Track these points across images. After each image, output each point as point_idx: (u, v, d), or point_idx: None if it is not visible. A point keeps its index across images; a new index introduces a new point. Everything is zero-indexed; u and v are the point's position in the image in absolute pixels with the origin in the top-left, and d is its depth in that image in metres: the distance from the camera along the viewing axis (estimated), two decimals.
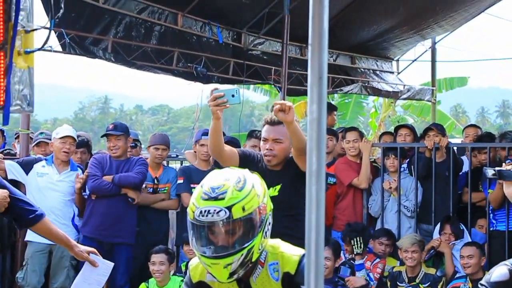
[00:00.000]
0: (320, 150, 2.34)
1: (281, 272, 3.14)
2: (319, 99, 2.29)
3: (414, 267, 7.04)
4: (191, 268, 3.30)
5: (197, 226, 2.97)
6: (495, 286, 3.44)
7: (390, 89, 12.91)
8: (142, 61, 9.28)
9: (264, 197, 3.07)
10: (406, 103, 20.20)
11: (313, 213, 2.36)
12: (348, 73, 12.40)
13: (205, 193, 2.97)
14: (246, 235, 2.96)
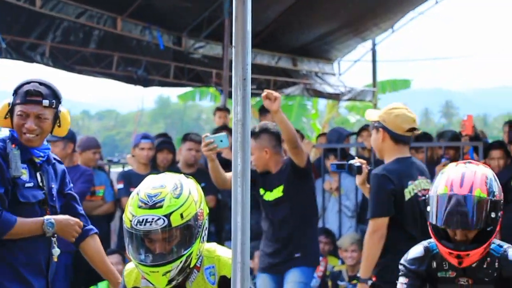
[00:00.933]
0: (245, 151, 2.36)
1: (218, 276, 3.12)
2: (243, 100, 2.31)
3: (354, 265, 7.12)
4: (125, 273, 3.24)
5: (135, 235, 2.93)
6: (411, 263, 3.59)
7: (331, 91, 13.02)
8: (81, 65, 9.21)
9: (201, 202, 3.04)
10: (349, 104, 20.40)
11: (239, 214, 2.38)
12: (290, 75, 12.47)
13: (142, 201, 2.93)
14: (185, 242, 2.94)
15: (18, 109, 3.79)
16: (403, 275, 3.61)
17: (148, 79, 9.88)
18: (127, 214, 2.96)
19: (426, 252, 3.60)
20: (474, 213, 3.30)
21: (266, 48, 12.03)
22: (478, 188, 3.33)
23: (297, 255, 5.60)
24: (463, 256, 3.35)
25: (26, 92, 3.79)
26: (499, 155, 7.22)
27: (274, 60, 12.31)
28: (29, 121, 3.79)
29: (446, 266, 3.54)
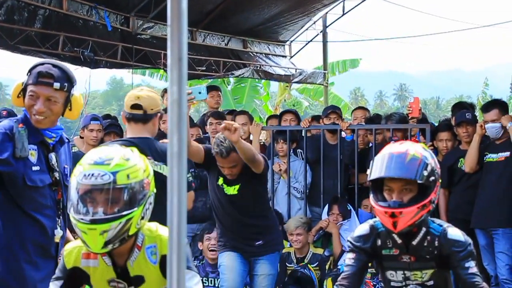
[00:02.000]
0: (181, 132, 2.31)
1: (159, 255, 3.11)
2: (179, 80, 2.27)
3: (301, 248, 7.15)
4: (65, 253, 3.22)
5: (78, 191, 2.93)
6: (357, 240, 3.78)
7: (282, 73, 13.00)
8: (26, 45, 9.02)
9: (148, 174, 3.06)
10: (301, 87, 20.45)
11: (175, 195, 2.34)
12: (240, 57, 12.41)
13: (92, 159, 2.96)
14: (127, 204, 2.94)
15: (30, 89, 3.82)
16: (350, 251, 3.81)
17: (95, 60, 9.73)
18: (74, 172, 2.99)
19: (371, 230, 3.77)
20: (409, 165, 3.48)
21: (216, 29, 11.95)
22: (414, 151, 3.54)
23: (259, 242, 5.72)
24: (397, 214, 3.49)
25: (38, 73, 3.81)
26: (447, 137, 7.31)
27: (224, 42, 12.24)
28: (39, 103, 3.81)
29: (390, 244, 3.72)
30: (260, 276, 5.72)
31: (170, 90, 2.28)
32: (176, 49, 2.24)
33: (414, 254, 3.69)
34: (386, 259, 3.79)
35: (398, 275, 3.78)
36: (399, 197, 3.53)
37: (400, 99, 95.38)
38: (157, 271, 3.12)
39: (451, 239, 3.62)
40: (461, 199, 7.05)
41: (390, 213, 3.50)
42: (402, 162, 3.50)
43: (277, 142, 7.97)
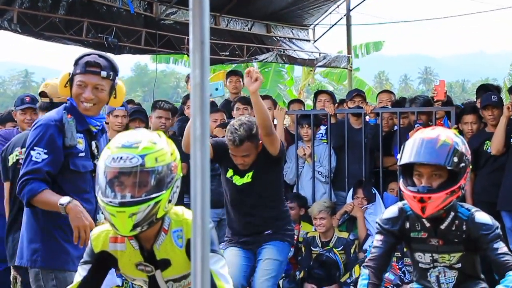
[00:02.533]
0: (204, 115, 2.31)
1: (185, 239, 3.12)
2: (201, 64, 2.27)
3: (326, 232, 7.15)
4: (93, 238, 3.24)
5: (107, 174, 2.95)
6: (385, 222, 3.83)
7: (305, 57, 12.92)
8: (50, 32, 9.06)
9: (175, 158, 3.07)
10: (325, 71, 20.36)
11: (198, 178, 2.34)
12: (264, 42, 12.36)
13: (120, 143, 2.98)
14: (156, 187, 2.95)
15: (78, 79, 4.00)
16: (378, 232, 3.87)
17: (119, 45, 9.75)
18: (103, 156, 3.00)
19: (400, 212, 3.82)
20: (439, 150, 3.52)
21: (239, 14, 11.91)
22: (445, 137, 3.57)
23: (268, 232, 5.53)
24: (425, 199, 3.53)
25: (86, 63, 3.99)
26: (472, 120, 7.25)
27: (248, 26, 12.20)
28: (87, 91, 3.98)
29: (419, 227, 3.77)
30: (265, 260, 5.45)
31: (192, 73, 2.28)
32: (198, 33, 2.23)
33: (442, 238, 3.73)
34: (414, 242, 3.83)
35: (426, 257, 3.82)
36: (429, 182, 3.56)
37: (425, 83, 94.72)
38: (183, 255, 3.13)
39: (478, 223, 3.66)
40: (487, 182, 7.01)
41: (419, 198, 3.54)
42: (432, 147, 3.52)
43: (301, 126, 7.96)
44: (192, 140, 2.33)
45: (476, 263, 3.86)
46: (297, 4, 12.10)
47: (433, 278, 3.84)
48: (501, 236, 3.64)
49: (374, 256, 3.83)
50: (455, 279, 3.81)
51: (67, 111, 4.02)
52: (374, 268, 3.80)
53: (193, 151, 2.34)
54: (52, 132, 3.93)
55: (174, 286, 3.26)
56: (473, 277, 3.87)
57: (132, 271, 3.25)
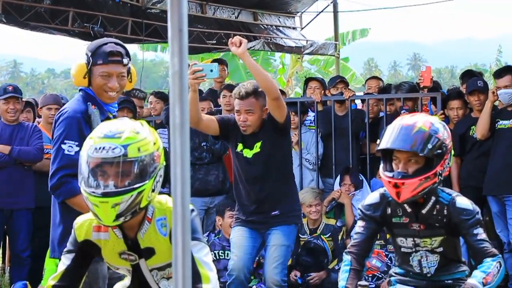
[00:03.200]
0: (183, 103, 2.32)
1: (169, 227, 3.12)
2: (180, 52, 2.27)
3: (316, 220, 7.17)
4: (76, 227, 3.24)
5: (90, 164, 2.96)
6: (367, 208, 3.88)
7: (293, 45, 12.93)
8: (36, 21, 9.02)
9: (158, 147, 3.07)
10: (312, 58, 20.36)
11: (178, 166, 2.35)
12: (251, 30, 12.34)
13: (102, 133, 2.98)
14: (138, 176, 2.96)
15: (101, 69, 4.00)
16: (360, 219, 3.93)
17: (105, 35, 9.70)
18: (85, 146, 3.01)
19: (381, 198, 3.86)
20: (414, 136, 3.56)
21: (226, 2, 11.89)
22: (422, 124, 3.61)
23: (275, 213, 5.54)
24: (399, 185, 3.58)
25: (108, 53, 3.98)
26: (458, 105, 7.27)
27: (234, 15, 12.17)
28: (113, 81, 4.01)
29: (400, 213, 3.81)
30: (273, 247, 5.52)
31: (171, 62, 2.28)
32: (176, 21, 2.24)
33: (423, 222, 3.76)
34: (396, 227, 3.87)
35: (408, 242, 3.86)
36: (405, 168, 3.60)
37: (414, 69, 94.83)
38: (167, 243, 3.12)
39: (459, 207, 3.70)
40: (473, 167, 7.04)
41: (393, 184, 3.59)
42: (407, 134, 3.55)
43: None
44: (171, 128, 2.34)
45: (458, 247, 3.91)
46: None
47: (415, 262, 3.87)
48: (481, 222, 3.70)
49: (356, 242, 3.88)
50: (437, 263, 3.84)
51: (89, 100, 4.04)
52: (356, 254, 3.85)
53: (173, 139, 2.34)
54: (80, 124, 3.95)
55: (158, 274, 3.26)
56: (455, 261, 3.91)
57: (116, 260, 3.25)
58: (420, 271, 3.88)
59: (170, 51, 2.29)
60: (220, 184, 7.48)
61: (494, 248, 3.69)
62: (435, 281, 3.86)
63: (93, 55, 4.00)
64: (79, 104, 4.05)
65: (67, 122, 3.99)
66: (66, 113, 4.03)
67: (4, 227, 7.20)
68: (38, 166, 7.20)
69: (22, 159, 7.04)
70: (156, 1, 10.89)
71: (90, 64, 4.00)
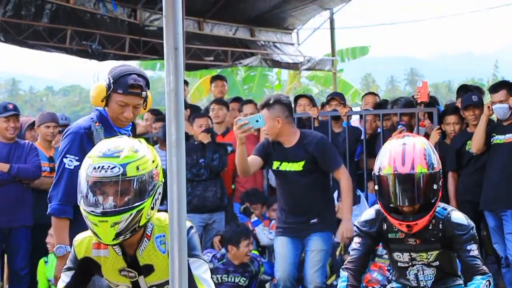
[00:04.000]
0: (179, 121, 2.34)
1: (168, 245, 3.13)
2: (175, 70, 2.30)
3: None
4: (75, 244, 3.25)
5: (89, 183, 2.96)
6: (363, 225, 3.92)
7: (290, 61, 12.98)
8: (34, 40, 9.07)
9: (157, 165, 3.08)
10: (310, 74, 20.41)
11: (175, 183, 2.37)
12: (248, 46, 12.39)
13: (101, 152, 2.99)
14: (137, 195, 2.97)
15: (119, 98, 4.12)
16: (357, 235, 3.96)
17: (103, 52, 9.76)
18: (84, 165, 3.01)
19: (377, 215, 3.90)
20: (418, 189, 3.59)
21: (223, 19, 11.94)
22: (418, 164, 3.62)
23: (314, 220, 5.91)
24: (412, 225, 3.66)
25: (130, 85, 4.10)
26: (454, 120, 7.29)
27: (232, 31, 12.22)
28: (128, 111, 4.15)
29: (396, 228, 3.84)
30: (313, 252, 5.87)
31: (167, 80, 2.31)
32: (172, 39, 2.28)
33: (419, 237, 3.80)
34: (392, 242, 3.91)
35: (404, 257, 3.90)
36: (410, 206, 3.66)
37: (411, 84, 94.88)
38: (166, 260, 3.04)
39: (454, 222, 3.74)
40: (469, 182, 7.04)
41: (406, 225, 3.68)
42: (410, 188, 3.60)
43: None
44: (167, 146, 2.36)
45: (453, 261, 3.94)
46: (280, 7, 12.14)
47: (412, 276, 3.92)
48: (475, 238, 3.75)
49: (352, 259, 3.92)
50: (433, 277, 3.89)
51: (96, 120, 4.17)
52: (352, 270, 3.88)
53: (169, 156, 2.37)
54: (82, 139, 4.10)
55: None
56: (451, 274, 3.96)
57: (116, 277, 3.25)
58: (417, 285, 3.93)
59: (166, 69, 2.32)
60: (218, 201, 7.49)
61: (485, 266, 3.73)
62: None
63: (114, 83, 4.12)
64: (85, 121, 4.20)
65: (71, 137, 4.14)
66: (71, 129, 4.19)
67: (3, 245, 7.19)
68: (36, 184, 7.23)
69: (21, 176, 7.06)
70: (154, 18, 10.95)
71: (111, 90, 4.11)
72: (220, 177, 7.59)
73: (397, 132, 7.24)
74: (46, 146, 7.51)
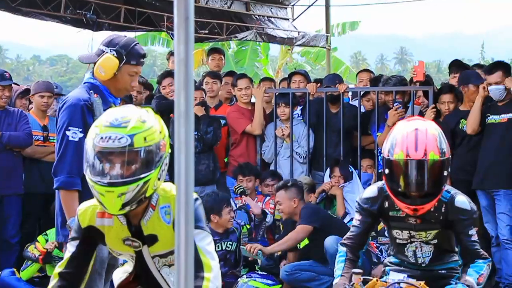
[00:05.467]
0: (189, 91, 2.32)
1: (173, 215, 3.12)
2: (186, 40, 2.27)
3: None
4: (79, 213, 3.24)
5: (96, 153, 2.94)
6: (364, 202, 3.95)
7: (284, 36, 12.88)
8: (28, 7, 8.95)
9: (164, 136, 3.06)
10: (302, 50, 20.35)
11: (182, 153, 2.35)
12: (243, 20, 12.29)
13: (108, 121, 2.97)
14: (144, 166, 2.96)
15: (132, 69, 4.22)
16: (357, 211, 4.01)
17: (97, 22, 9.64)
18: (90, 134, 2.99)
19: (379, 192, 3.92)
20: (429, 175, 3.60)
21: None
22: (431, 151, 3.61)
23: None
24: (419, 209, 3.68)
25: (142, 55, 4.24)
26: (449, 99, 7.30)
27: (227, 4, 12.11)
28: (135, 80, 4.29)
29: (397, 207, 3.86)
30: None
31: (176, 49, 2.28)
32: (183, 8, 2.24)
33: (420, 217, 3.82)
34: (392, 220, 3.94)
35: (403, 234, 3.94)
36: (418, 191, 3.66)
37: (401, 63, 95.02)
38: (171, 231, 3.12)
39: (458, 207, 3.77)
40: (463, 161, 7.06)
41: (413, 209, 3.68)
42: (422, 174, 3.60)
43: (278, 106, 7.96)
44: (176, 116, 2.34)
45: (451, 238, 3.98)
46: None
47: (410, 253, 3.96)
48: (476, 222, 3.84)
49: (351, 235, 3.97)
50: (431, 253, 3.93)
51: (93, 90, 4.18)
52: (351, 245, 3.94)
53: (177, 126, 2.34)
54: (83, 111, 4.08)
55: (160, 261, 3.26)
56: (448, 251, 4.01)
57: (120, 246, 3.25)
58: (415, 261, 3.97)
59: (176, 39, 2.29)
60: (211, 174, 7.50)
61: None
62: (429, 271, 3.95)
63: (127, 54, 4.17)
64: (82, 93, 4.17)
65: (70, 109, 4.09)
66: (69, 101, 4.14)
67: None
68: (28, 153, 7.19)
69: (12, 144, 7.02)
70: None
71: (124, 62, 4.15)
72: (213, 151, 7.60)
73: (393, 110, 7.26)
74: (40, 115, 7.47)
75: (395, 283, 3.50)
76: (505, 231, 6.70)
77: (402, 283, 3.50)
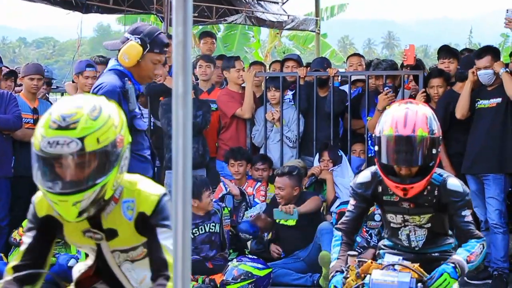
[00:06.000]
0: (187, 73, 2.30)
1: (136, 212, 2.91)
2: (184, 21, 2.26)
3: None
4: (36, 201, 2.96)
5: (43, 159, 2.64)
6: (358, 187, 4.00)
7: (274, 19, 12.86)
8: None
9: (121, 128, 2.79)
10: (291, 34, 20.32)
11: (180, 136, 2.34)
12: (232, 4, 12.24)
13: (54, 122, 2.63)
14: (100, 170, 2.69)
15: (156, 57, 4.43)
16: (351, 196, 4.07)
17: (87, 4, 9.58)
18: (36, 136, 2.66)
19: (373, 177, 3.97)
20: (417, 151, 3.66)
21: None
22: (420, 127, 3.68)
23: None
24: (408, 188, 3.73)
25: (166, 44, 4.35)
26: (439, 83, 7.28)
27: None
28: (158, 68, 4.57)
29: (391, 191, 3.91)
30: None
31: (175, 31, 2.27)
32: None
33: (413, 201, 3.87)
34: (386, 204, 3.98)
35: (397, 218, 3.98)
36: (408, 169, 3.73)
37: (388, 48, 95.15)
38: (131, 227, 2.93)
39: (450, 189, 3.82)
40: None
41: (402, 188, 3.74)
42: (409, 150, 3.67)
43: (269, 89, 7.94)
44: (174, 99, 2.33)
45: (445, 222, 4.03)
46: None
47: (404, 236, 4.01)
48: (469, 203, 3.88)
49: (346, 220, 4.02)
50: (424, 237, 3.98)
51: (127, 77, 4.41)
52: (345, 230, 3.99)
53: (175, 109, 2.33)
54: (119, 98, 4.26)
55: (121, 256, 3.07)
56: (442, 234, 4.06)
57: (79, 239, 3.03)
58: (408, 245, 4.01)
59: (175, 20, 2.27)
60: (200, 158, 7.48)
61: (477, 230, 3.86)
62: (423, 254, 4.00)
63: (151, 43, 4.34)
64: (116, 79, 4.36)
65: (107, 96, 4.04)
66: (105, 87, 4.32)
67: None
68: (19, 136, 7.15)
69: (1, 127, 6.97)
70: None
71: (147, 50, 4.33)
72: (202, 134, 7.57)
73: (384, 94, 7.26)
74: (30, 98, 7.42)
75: (389, 265, 3.53)
76: (494, 216, 6.72)
77: (397, 265, 3.52)
